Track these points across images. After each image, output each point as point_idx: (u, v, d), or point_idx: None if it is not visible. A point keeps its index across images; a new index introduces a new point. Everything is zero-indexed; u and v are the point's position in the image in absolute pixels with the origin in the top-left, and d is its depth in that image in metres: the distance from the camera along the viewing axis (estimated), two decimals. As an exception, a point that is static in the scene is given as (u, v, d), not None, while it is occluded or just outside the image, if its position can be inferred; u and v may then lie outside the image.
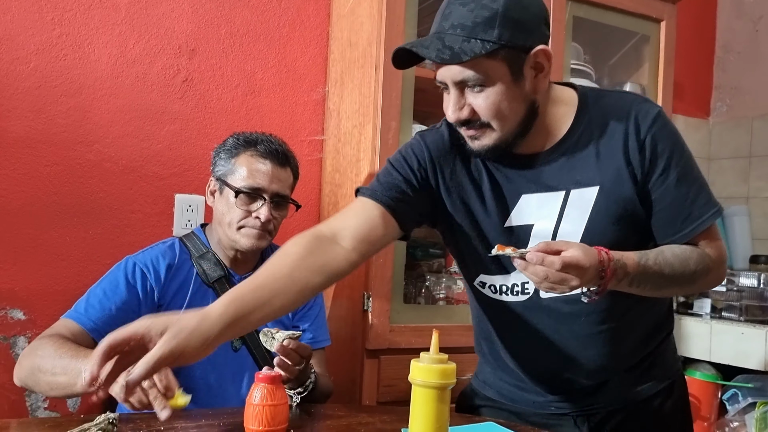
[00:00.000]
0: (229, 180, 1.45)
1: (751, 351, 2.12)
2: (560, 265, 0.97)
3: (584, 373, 1.24)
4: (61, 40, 1.77)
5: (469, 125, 1.10)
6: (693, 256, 1.14)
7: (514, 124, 1.11)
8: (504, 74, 1.06)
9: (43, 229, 1.75)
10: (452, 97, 1.09)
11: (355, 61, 1.92)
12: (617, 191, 1.14)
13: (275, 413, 1.04)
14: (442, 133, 1.24)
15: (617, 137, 1.14)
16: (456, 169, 1.22)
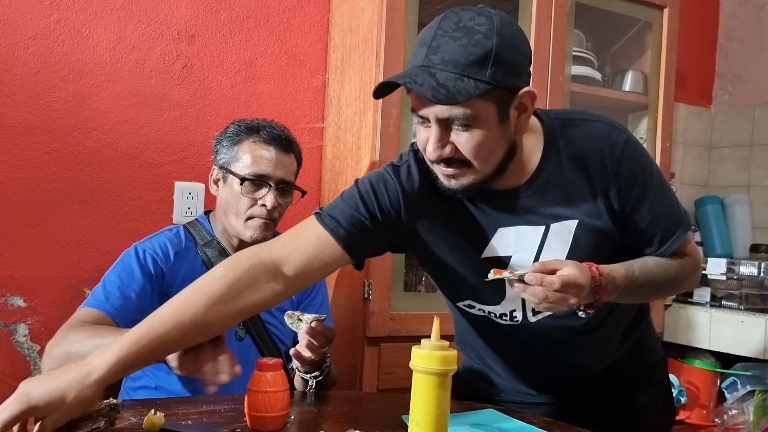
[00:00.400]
0: (233, 168, 1.44)
1: (750, 339, 2.13)
2: (559, 284, 0.98)
3: (574, 372, 1.28)
4: (60, 25, 1.75)
5: (449, 163, 1.05)
6: (673, 264, 1.18)
7: (494, 165, 1.07)
8: (492, 115, 1.02)
9: (42, 216, 1.74)
10: (434, 133, 1.03)
11: (355, 48, 1.91)
12: (595, 224, 1.14)
13: (276, 399, 1.04)
14: (410, 169, 1.18)
15: (590, 169, 1.13)
16: (429, 206, 1.17)
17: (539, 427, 1.13)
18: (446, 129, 1.03)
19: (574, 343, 1.25)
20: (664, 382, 1.41)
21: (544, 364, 1.27)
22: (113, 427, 0.97)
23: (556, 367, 1.28)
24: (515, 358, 1.29)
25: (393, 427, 1.10)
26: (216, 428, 1.02)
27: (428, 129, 1.04)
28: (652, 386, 1.35)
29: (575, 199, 1.13)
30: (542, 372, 1.29)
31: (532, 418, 1.20)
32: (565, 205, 1.14)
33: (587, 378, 1.29)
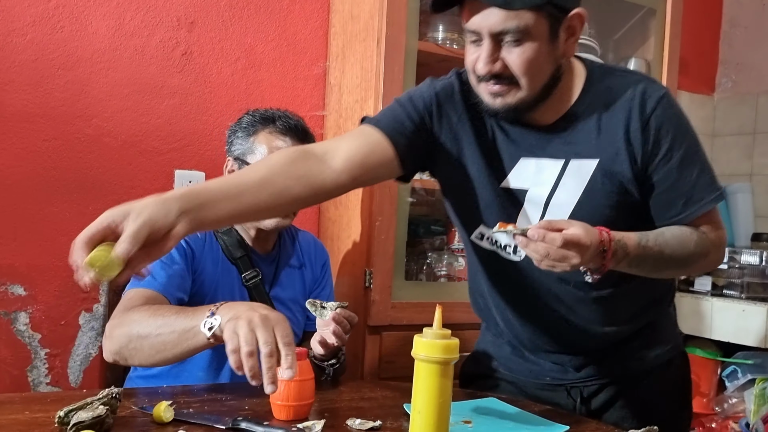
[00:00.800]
0: (249, 159, 1.42)
1: (751, 328, 2.12)
2: (561, 242, 0.97)
3: (576, 339, 1.25)
4: (58, 12, 1.74)
5: (497, 80, 1.09)
6: (693, 237, 1.14)
7: (539, 86, 1.10)
8: (543, 32, 1.06)
9: (42, 204, 1.74)
10: (486, 48, 1.06)
11: (356, 35, 1.89)
12: (614, 168, 1.14)
13: (302, 388, 1.05)
14: (452, 84, 1.23)
15: (620, 115, 1.14)
16: (461, 121, 1.21)
17: (540, 415, 1.13)
18: (497, 45, 1.06)
19: (581, 300, 1.21)
20: (680, 382, 1.34)
21: (549, 321, 1.24)
22: (115, 415, 0.97)
23: (561, 328, 1.24)
24: (521, 308, 1.27)
25: (395, 416, 1.10)
26: (220, 417, 1.02)
27: (478, 48, 1.08)
28: (663, 381, 1.29)
29: (601, 142, 1.14)
30: (546, 332, 1.26)
31: (533, 406, 1.20)
32: (589, 145, 1.15)
33: (591, 350, 1.25)
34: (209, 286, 1.39)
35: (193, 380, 1.38)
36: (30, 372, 1.73)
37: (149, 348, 1.15)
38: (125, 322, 1.20)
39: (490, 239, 1.25)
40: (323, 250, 1.62)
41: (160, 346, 1.14)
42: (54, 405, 0.99)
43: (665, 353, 1.30)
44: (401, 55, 1.77)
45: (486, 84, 1.10)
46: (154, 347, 1.15)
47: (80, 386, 1.78)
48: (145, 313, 1.18)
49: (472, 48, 1.10)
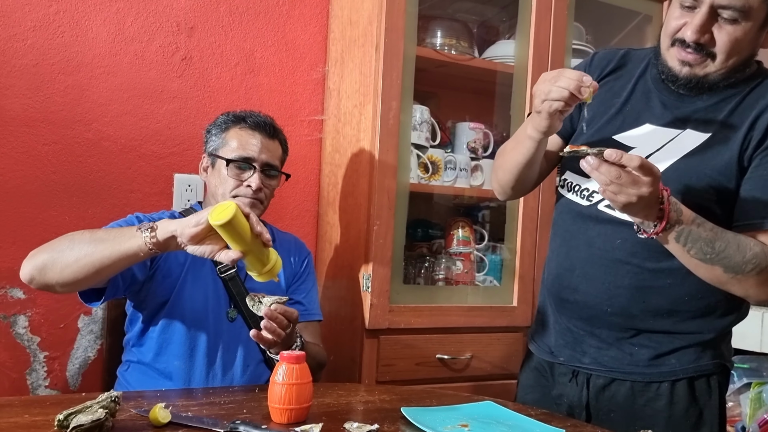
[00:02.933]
0: (221, 153, 1.50)
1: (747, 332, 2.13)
2: (638, 162, 0.98)
3: (593, 300, 1.22)
4: (59, 17, 1.75)
5: (696, 50, 1.12)
6: (755, 248, 1.10)
7: (732, 66, 1.14)
8: (761, 17, 1.09)
9: (42, 208, 1.74)
10: (701, 17, 1.09)
11: (355, 40, 1.90)
12: (722, 146, 1.15)
13: (300, 392, 1.06)
14: (616, 51, 1.33)
15: (757, 107, 1.16)
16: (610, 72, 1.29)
17: (536, 419, 1.14)
18: (713, 17, 1.09)
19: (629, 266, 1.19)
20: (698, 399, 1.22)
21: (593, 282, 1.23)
22: (114, 419, 0.98)
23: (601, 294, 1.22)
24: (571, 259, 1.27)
25: (392, 419, 1.10)
26: (218, 420, 1.02)
27: (689, 14, 1.11)
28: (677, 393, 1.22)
29: (725, 121, 1.16)
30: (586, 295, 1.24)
31: (529, 410, 1.21)
32: (713, 122, 1.17)
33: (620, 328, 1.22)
34: (176, 272, 1.43)
35: (170, 368, 1.42)
36: (29, 375, 1.73)
37: (78, 251, 1.19)
38: (50, 242, 1.25)
39: (569, 185, 1.29)
40: (305, 248, 1.67)
41: (88, 251, 1.19)
42: (53, 408, 1.00)
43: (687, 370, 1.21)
44: (400, 60, 1.78)
45: (681, 50, 1.14)
46: (83, 250, 1.19)
47: (79, 389, 1.78)
48: (72, 234, 1.24)
49: (680, 12, 1.13)
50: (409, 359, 1.82)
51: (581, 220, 1.27)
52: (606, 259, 1.22)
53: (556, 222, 1.36)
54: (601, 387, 1.25)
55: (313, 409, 1.11)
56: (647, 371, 1.22)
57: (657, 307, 1.20)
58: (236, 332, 1.46)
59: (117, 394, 0.99)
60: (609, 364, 1.24)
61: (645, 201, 1.01)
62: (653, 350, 1.22)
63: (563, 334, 1.31)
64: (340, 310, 1.90)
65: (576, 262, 1.27)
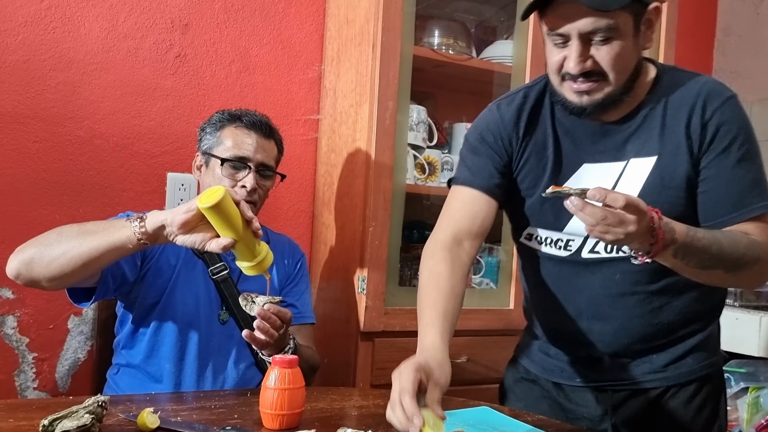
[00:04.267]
0: (215, 152, 1.47)
1: (745, 336, 2.12)
2: (624, 201, 0.95)
3: (610, 336, 1.22)
4: (50, 12, 1.72)
5: (587, 77, 1.12)
6: (743, 240, 1.10)
7: (625, 79, 1.14)
8: (629, 27, 1.10)
9: (32, 206, 1.72)
10: (576, 48, 1.10)
11: (351, 39, 1.88)
12: (673, 163, 1.16)
13: (292, 397, 1.04)
14: (512, 102, 1.29)
15: (684, 111, 1.16)
16: (525, 130, 1.26)
17: (533, 425, 1.12)
18: (587, 44, 1.10)
19: (620, 295, 1.20)
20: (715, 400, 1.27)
21: (587, 315, 1.24)
22: (100, 424, 0.95)
23: (597, 324, 1.23)
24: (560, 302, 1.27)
25: (386, 425, 1.08)
26: (208, 426, 1.00)
27: (563, 49, 1.12)
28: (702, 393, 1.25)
29: (663, 138, 1.17)
30: (582, 328, 1.24)
31: (526, 416, 1.19)
32: (652, 142, 1.17)
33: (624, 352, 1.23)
34: (167, 274, 1.41)
35: (161, 371, 1.40)
36: (17, 376, 1.70)
37: (66, 244, 1.17)
38: (38, 237, 1.22)
39: (537, 238, 1.28)
40: (299, 250, 1.64)
41: (76, 244, 1.16)
42: (39, 412, 0.97)
43: (701, 369, 1.25)
44: (396, 59, 1.76)
45: (572, 83, 1.14)
46: (69, 244, 1.16)
47: (68, 391, 1.76)
48: (60, 228, 1.21)
49: (556, 50, 1.13)
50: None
51: (569, 267, 1.24)
52: (612, 296, 1.22)
53: (536, 270, 1.30)
54: (623, 399, 1.26)
55: (306, 414, 1.09)
56: (667, 375, 1.24)
57: (670, 321, 1.22)
58: (228, 335, 1.44)
59: (104, 398, 0.96)
60: (630, 377, 1.25)
61: (633, 236, 0.99)
62: (671, 354, 1.24)
63: (577, 362, 1.29)
64: (335, 313, 1.87)
65: (581, 307, 1.24)
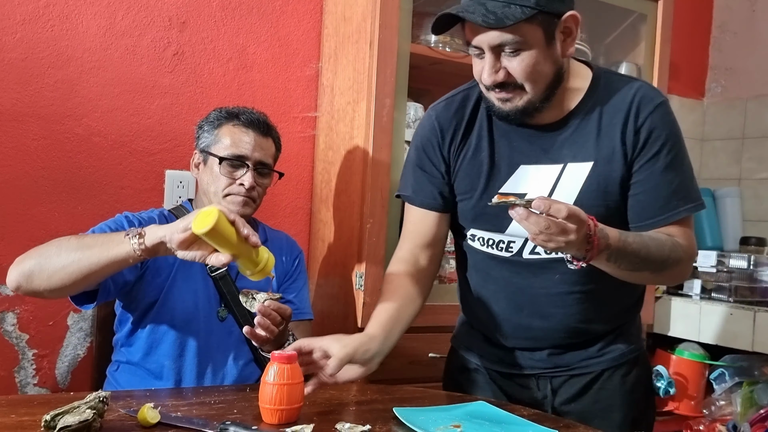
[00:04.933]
0: (213, 150, 1.47)
1: (739, 331, 2.14)
2: (566, 212, 1.00)
3: (550, 332, 1.29)
4: (48, 10, 1.73)
5: (503, 88, 1.16)
6: (667, 243, 1.18)
7: (544, 87, 1.17)
8: (539, 38, 1.12)
9: (31, 204, 1.72)
10: (488, 60, 1.14)
11: (349, 36, 1.89)
12: (608, 169, 1.20)
13: (291, 392, 1.05)
14: (450, 105, 1.32)
15: (618, 117, 1.20)
16: (464, 133, 1.30)
17: (528, 419, 1.14)
18: (498, 56, 1.13)
19: (559, 295, 1.26)
20: (644, 381, 1.39)
21: (527, 312, 1.29)
22: (102, 419, 0.96)
23: (537, 320, 1.29)
24: (502, 300, 1.32)
25: (384, 419, 1.09)
26: (208, 420, 1.01)
27: (482, 60, 1.15)
28: (628, 378, 1.34)
29: (599, 144, 1.21)
30: (523, 324, 1.30)
31: (522, 410, 1.21)
32: (588, 147, 1.21)
33: (562, 343, 1.31)
34: (165, 272, 1.41)
35: (160, 368, 1.41)
36: (17, 373, 1.71)
37: (65, 257, 1.18)
38: (37, 248, 1.23)
39: (480, 239, 1.31)
40: (296, 247, 1.65)
41: (75, 258, 1.17)
42: (40, 408, 0.98)
43: (630, 352, 1.34)
44: (393, 57, 1.77)
45: (492, 92, 1.18)
46: (69, 258, 1.17)
47: (68, 387, 1.77)
48: (59, 240, 1.22)
49: (477, 60, 1.17)
50: (402, 358, 1.81)
51: (510, 266, 1.29)
52: (551, 296, 1.28)
53: (480, 268, 1.35)
54: (561, 383, 1.33)
55: (305, 410, 1.10)
56: (601, 360, 1.32)
57: (604, 316, 1.30)
58: (227, 332, 1.45)
59: (105, 394, 0.97)
60: (568, 364, 1.32)
61: (573, 244, 1.04)
62: (604, 342, 1.32)
63: (516, 352, 1.34)
64: (333, 309, 1.89)
65: (523, 304, 1.30)
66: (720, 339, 2.21)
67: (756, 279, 2.29)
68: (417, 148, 1.35)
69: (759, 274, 2.29)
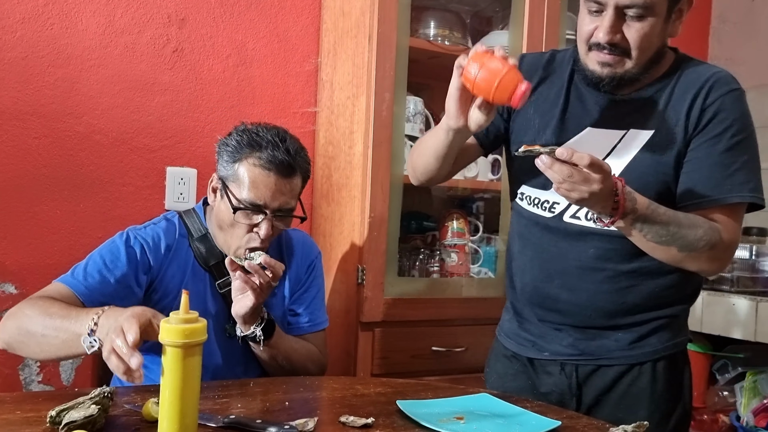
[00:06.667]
0: (231, 187, 1.33)
1: (741, 322, 2.14)
2: (588, 160, 1.01)
3: (577, 307, 1.27)
4: (48, 9, 1.73)
5: (611, 50, 1.16)
6: (704, 225, 1.15)
7: (646, 59, 1.18)
8: (663, 10, 1.15)
9: (33, 202, 1.73)
10: (610, 19, 1.14)
11: (348, 31, 1.89)
12: (667, 139, 1.20)
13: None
14: (542, 56, 1.35)
15: (690, 93, 1.21)
16: (540, 82, 1.31)
17: (533, 411, 1.14)
18: (620, 17, 1.14)
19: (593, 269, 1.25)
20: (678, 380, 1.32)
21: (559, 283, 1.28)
22: (107, 414, 0.97)
23: (569, 293, 1.27)
24: (537, 265, 1.31)
25: (387, 413, 1.10)
26: (212, 415, 1.02)
27: (596, 19, 1.16)
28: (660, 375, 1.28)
29: (664, 114, 1.21)
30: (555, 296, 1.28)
31: (525, 402, 1.21)
32: (653, 116, 1.21)
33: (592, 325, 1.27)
34: (173, 291, 1.37)
35: None
36: (21, 370, 1.72)
37: (35, 345, 1.19)
38: (19, 314, 1.22)
39: (528, 198, 1.32)
40: (312, 249, 1.56)
41: (45, 346, 1.18)
42: (46, 404, 0.99)
43: (664, 349, 1.29)
44: (392, 51, 1.77)
45: (599, 53, 1.18)
46: (40, 345, 1.19)
47: (72, 385, 1.77)
48: (38, 310, 1.20)
49: (589, 18, 1.18)
50: (404, 352, 1.81)
51: (550, 233, 1.29)
52: (583, 269, 1.26)
53: (522, 233, 1.36)
54: (588, 374, 1.30)
55: (309, 403, 1.11)
56: (631, 353, 1.28)
57: (635, 303, 1.27)
58: (235, 348, 1.39)
59: (110, 389, 0.98)
60: (595, 353, 1.29)
61: (597, 197, 1.05)
62: (635, 334, 1.28)
63: (545, 333, 1.33)
64: (335, 303, 1.89)
65: (553, 274, 1.29)
66: (722, 330, 2.20)
67: (758, 269, 2.29)
68: None
69: (761, 264, 2.29)
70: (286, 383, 1.27)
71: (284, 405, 1.12)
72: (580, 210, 1.25)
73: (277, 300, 1.47)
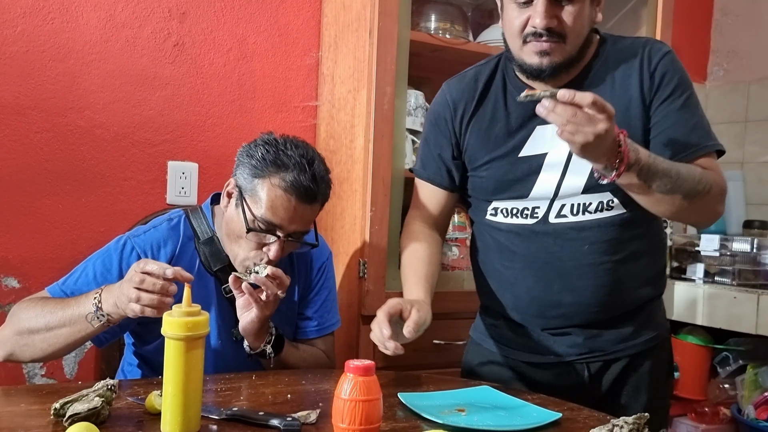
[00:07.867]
0: (248, 200, 1.28)
1: (743, 315, 2.14)
2: (591, 99, 1.00)
3: (581, 307, 1.27)
4: (48, 3, 1.73)
5: (549, 37, 1.17)
6: (697, 170, 1.18)
7: (579, 45, 1.21)
8: None
9: (35, 196, 1.73)
10: (543, 4, 1.15)
11: (349, 25, 1.88)
12: (627, 117, 1.21)
13: (370, 409, 0.89)
14: (464, 76, 1.37)
15: (632, 68, 1.23)
16: (476, 105, 1.32)
17: (533, 403, 1.14)
18: (553, 3, 1.16)
19: (589, 266, 1.25)
20: (667, 366, 1.40)
21: (557, 288, 1.26)
22: (110, 407, 0.97)
23: (566, 295, 1.26)
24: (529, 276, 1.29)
25: (389, 405, 1.10)
26: (215, 407, 1.02)
27: (527, 9, 1.17)
28: (654, 363, 1.33)
29: (614, 94, 1.22)
30: (552, 301, 1.27)
31: (526, 395, 1.21)
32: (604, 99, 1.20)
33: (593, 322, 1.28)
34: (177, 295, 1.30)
35: None
36: (25, 364, 1.73)
37: (41, 341, 1.20)
38: (13, 321, 1.22)
39: (504, 211, 1.32)
40: (323, 250, 1.49)
41: (52, 339, 1.19)
42: (50, 397, 0.99)
43: (660, 335, 1.35)
44: (394, 45, 1.76)
45: (536, 42, 1.18)
46: (46, 340, 1.19)
47: (75, 378, 1.78)
48: (32, 311, 1.21)
49: (518, 11, 1.18)
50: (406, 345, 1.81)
51: (537, 239, 1.27)
52: (581, 267, 1.26)
53: (505, 247, 1.32)
54: (598, 371, 1.31)
55: (310, 395, 1.11)
56: (635, 343, 1.31)
57: (630, 287, 1.29)
58: (242, 352, 1.36)
59: (113, 382, 0.98)
60: (604, 348, 1.30)
61: (602, 140, 1.02)
62: (635, 324, 1.31)
63: (548, 337, 1.32)
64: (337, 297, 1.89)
65: (551, 279, 1.27)
66: (724, 323, 2.21)
67: (759, 262, 2.29)
68: (429, 122, 1.40)
69: (762, 257, 2.29)
70: (289, 376, 1.27)
71: (287, 397, 1.12)
72: (564, 208, 1.24)
73: (287, 306, 1.44)
